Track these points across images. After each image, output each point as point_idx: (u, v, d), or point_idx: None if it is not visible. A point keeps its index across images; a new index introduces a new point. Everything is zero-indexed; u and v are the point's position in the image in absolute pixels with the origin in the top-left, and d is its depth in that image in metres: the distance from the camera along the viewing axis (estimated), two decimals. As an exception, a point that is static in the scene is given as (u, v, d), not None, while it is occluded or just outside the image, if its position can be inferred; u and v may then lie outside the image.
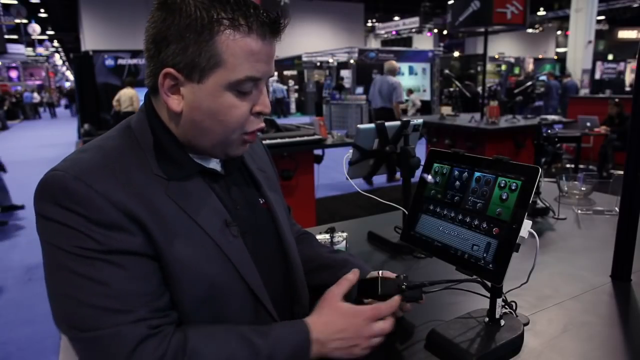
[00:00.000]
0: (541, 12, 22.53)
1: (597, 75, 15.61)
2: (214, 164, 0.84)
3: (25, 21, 19.03)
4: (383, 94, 6.50)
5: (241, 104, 0.75)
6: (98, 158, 0.72)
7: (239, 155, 0.82)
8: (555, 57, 23.48)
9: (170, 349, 0.67)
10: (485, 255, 0.82)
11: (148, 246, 0.70)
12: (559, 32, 26.74)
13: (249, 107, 0.76)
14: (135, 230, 0.69)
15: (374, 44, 27.02)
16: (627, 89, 14.81)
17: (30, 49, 24.76)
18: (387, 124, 1.40)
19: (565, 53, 15.74)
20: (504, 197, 0.82)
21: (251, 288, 0.79)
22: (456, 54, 21.46)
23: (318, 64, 18.27)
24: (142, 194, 0.71)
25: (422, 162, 1.06)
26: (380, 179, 1.42)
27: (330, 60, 16.92)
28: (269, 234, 0.90)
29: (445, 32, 25.47)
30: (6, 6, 17.33)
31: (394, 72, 6.66)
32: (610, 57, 22.02)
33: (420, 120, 1.46)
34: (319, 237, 1.30)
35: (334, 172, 7.13)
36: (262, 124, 0.81)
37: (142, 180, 0.73)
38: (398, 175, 1.42)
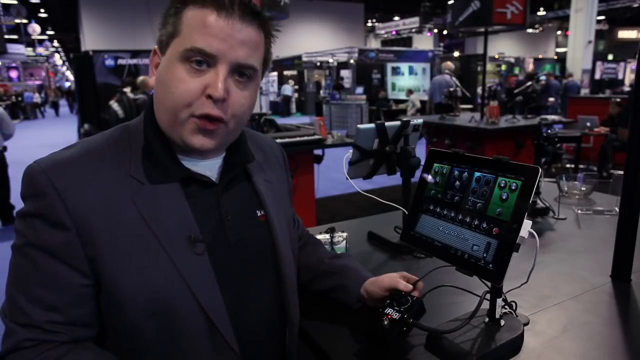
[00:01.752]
0: (541, 12, 22.53)
1: (597, 75, 15.60)
2: (210, 172, 0.82)
3: (25, 21, 19.03)
4: (442, 89, 7.62)
5: (190, 80, 0.72)
6: (75, 155, 0.75)
7: (197, 147, 0.75)
8: (555, 57, 23.49)
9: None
10: (485, 255, 0.82)
11: (81, 257, 0.71)
12: (559, 32, 26.74)
13: (200, 87, 0.73)
14: (74, 237, 0.70)
15: (374, 44, 27.02)
16: (627, 88, 14.80)
17: (30, 49, 24.77)
18: (387, 124, 1.40)
19: (565, 53, 15.74)
20: (504, 197, 0.82)
21: (204, 310, 0.75)
22: (456, 54, 21.44)
23: (318, 64, 18.27)
24: (104, 196, 0.72)
25: (422, 163, 1.06)
26: (381, 179, 1.42)
27: (330, 60, 16.91)
28: (264, 247, 0.86)
29: (445, 32, 25.46)
30: (6, 6, 17.34)
31: (450, 69, 7.95)
32: (610, 57, 22.00)
33: (420, 120, 1.46)
34: (318, 237, 1.30)
35: (334, 172, 7.12)
36: (214, 112, 0.73)
37: (112, 181, 0.74)
38: None
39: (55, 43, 30.97)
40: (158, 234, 0.73)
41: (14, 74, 25.84)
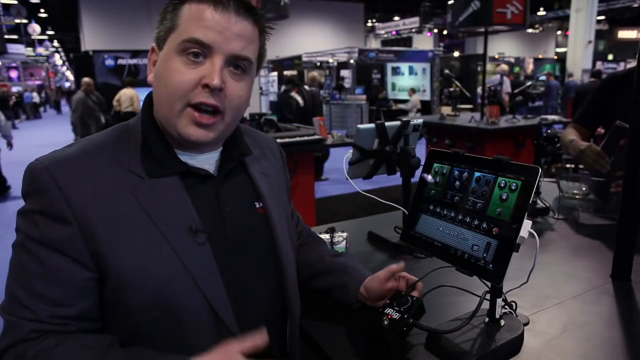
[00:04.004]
0: (541, 12, 22.51)
1: (597, 76, 15.58)
2: (206, 165, 0.84)
3: (25, 21, 19.00)
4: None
5: (187, 71, 0.75)
6: (75, 152, 0.76)
7: (192, 138, 0.77)
8: (555, 57, 23.45)
9: (30, 350, 0.69)
10: (485, 255, 0.82)
11: (84, 251, 0.72)
12: (559, 32, 26.70)
13: (197, 77, 0.75)
14: (76, 231, 0.71)
15: (374, 44, 27.00)
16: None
17: (30, 49, 24.74)
18: (387, 124, 1.40)
19: (565, 53, 15.72)
20: (504, 197, 0.82)
21: (207, 299, 0.75)
22: (456, 54, 21.42)
23: (318, 64, 18.26)
24: (105, 191, 0.74)
25: (422, 163, 1.06)
26: (381, 178, 1.42)
27: (330, 60, 16.89)
28: (263, 239, 0.87)
29: (445, 32, 25.45)
30: (6, 6, 17.32)
31: (505, 72, 9.31)
32: (610, 57, 22.00)
33: (420, 120, 1.46)
34: (319, 237, 1.30)
35: (334, 172, 7.12)
36: (210, 101, 0.75)
37: (112, 177, 0.75)
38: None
39: (55, 43, 30.93)
40: (160, 225, 0.75)
41: (14, 74, 25.83)
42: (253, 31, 0.79)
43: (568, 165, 2.06)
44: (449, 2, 5.68)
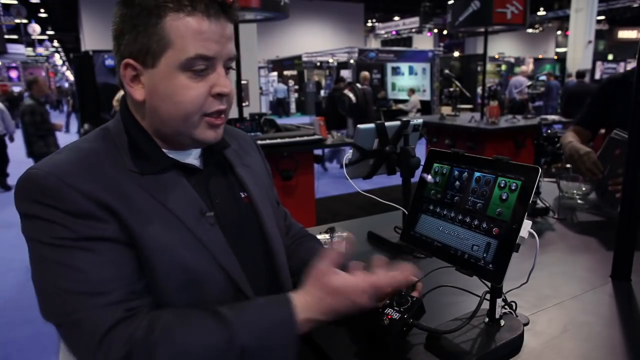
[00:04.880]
0: (541, 12, 22.51)
1: (597, 75, 15.57)
2: (191, 159, 0.86)
3: (25, 21, 18.98)
4: (516, 88, 10.38)
5: (196, 85, 0.76)
6: (72, 156, 0.76)
7: (210, 140, 0.82)
8: (555, 57, 23.44)
9: (140, 327, 0.67)
10: (485, 255, 0.82)
11: (122, 233, 0.72)
12: (559, 32, 26.70)
13: (206, 89, 0.77)
14: (107, 218, 0.71)
15: (374, 44, 26.99)
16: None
17: (30, 49, 24.73)
18: (387, 124, 1.40)
19: (565, 53, 15.72)
20: (504, 197, 0.82)
21: (231, 276, 0.80)
22: (456, 54, 21.40)
23: (318, 64, 18.25)
24: (114, 185, 0.74)
25: (422, 163, 1.06)
26: (381, 178, 1.42)
27: (330, 60, 16.90)
28: (251, 227, 0.90)
29: (445, 32, 25.46)
30: (6, 6, 17.31)
31: (525, 73, 10.66)
32: (610, 57, 21.99)
33: (420, 120, 1.46)
34: (318, 237, 1.30)
35: (334, 172, 7.13)
36: (223, 106, 0.80)
37: (116, 175, 0.75)
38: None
39: (55, 43, 30.94)
40: (175, 211, 0.77)
41: (14, 74, 25.79)
42: (232, 28, 0.81)
43: (568, 165, 2.07)
44: (449, 2, 5.67)
